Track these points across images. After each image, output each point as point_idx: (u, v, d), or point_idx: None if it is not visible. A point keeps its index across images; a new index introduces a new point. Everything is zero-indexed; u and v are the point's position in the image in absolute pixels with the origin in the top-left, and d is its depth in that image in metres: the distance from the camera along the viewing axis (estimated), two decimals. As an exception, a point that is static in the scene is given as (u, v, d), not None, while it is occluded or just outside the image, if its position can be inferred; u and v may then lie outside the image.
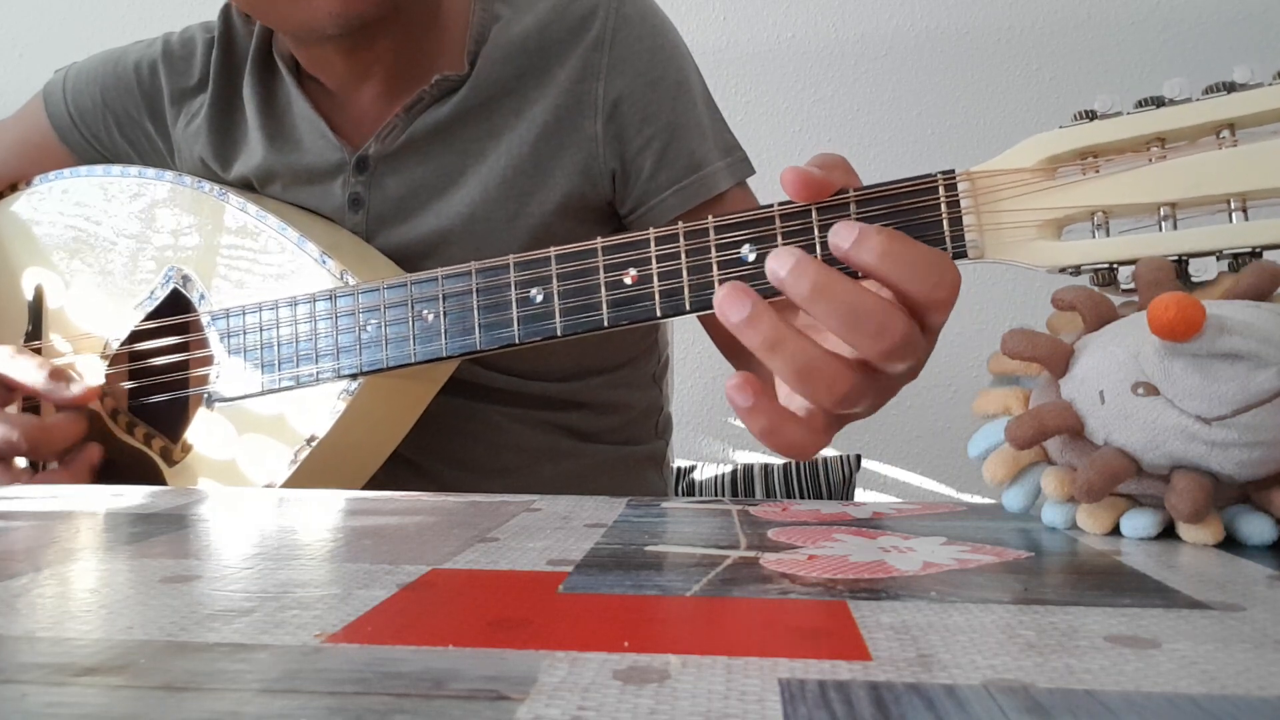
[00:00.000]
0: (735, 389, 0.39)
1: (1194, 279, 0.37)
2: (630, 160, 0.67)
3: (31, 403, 0.68)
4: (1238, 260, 0.36)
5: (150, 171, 0.70)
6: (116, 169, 0.71)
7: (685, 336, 1.41)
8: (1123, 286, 0.39)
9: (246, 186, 0.71)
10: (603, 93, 0.66)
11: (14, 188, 0.76)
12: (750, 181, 0.71)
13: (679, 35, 0.71)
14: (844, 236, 0.38)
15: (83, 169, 0.73)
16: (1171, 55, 1.45)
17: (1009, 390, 0.40)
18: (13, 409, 0.65)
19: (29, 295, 0.72)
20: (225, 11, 0.75)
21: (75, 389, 0.63)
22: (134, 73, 0.76)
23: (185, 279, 0.65)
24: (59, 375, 0.63)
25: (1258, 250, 0.36)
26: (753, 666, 0.20)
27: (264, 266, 0.62)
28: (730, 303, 0.38)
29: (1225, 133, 0.37)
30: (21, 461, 0.64)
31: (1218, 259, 0.37)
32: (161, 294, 0.66)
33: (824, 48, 1.53)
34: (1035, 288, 1.45)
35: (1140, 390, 0.33)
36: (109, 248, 0.69)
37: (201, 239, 0.66)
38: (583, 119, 0.66)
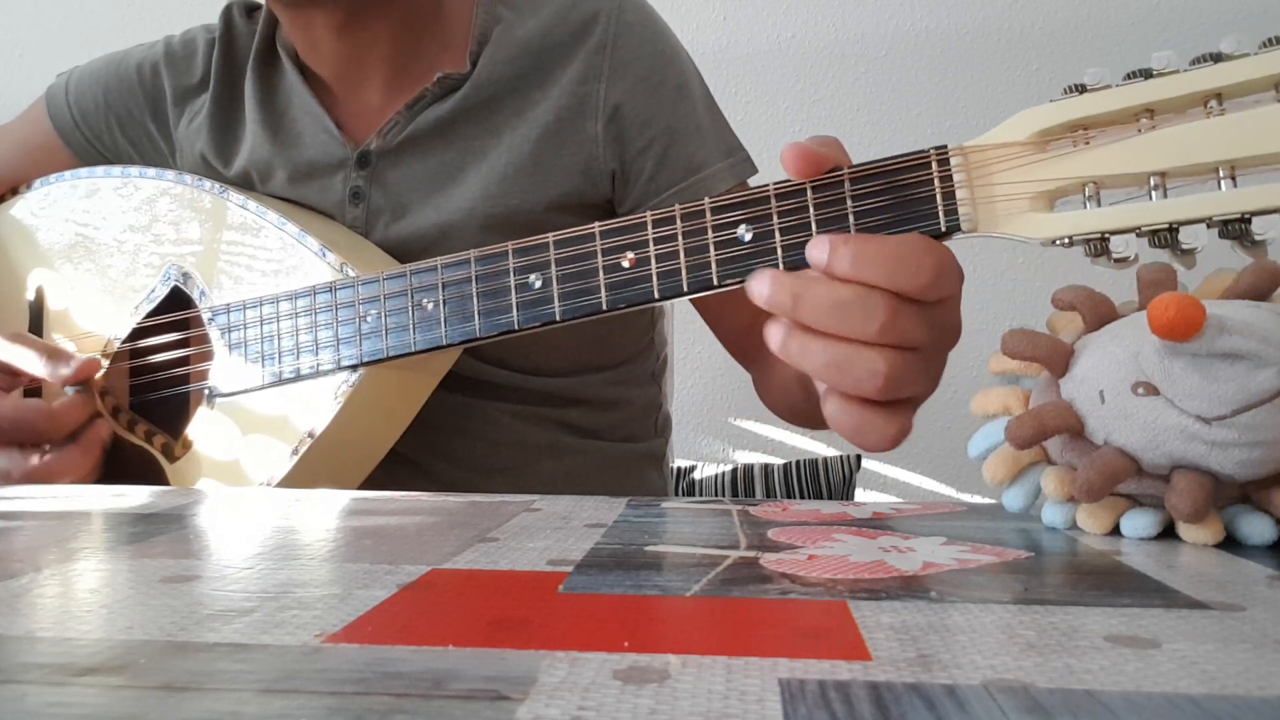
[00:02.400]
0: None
1: (1184, 247, 0.37)
2: (630, 162, 0.67)
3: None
4: (1227, 227, 0.37)
5: (150, 171, 0.70)
6: (116, 170, 0.71)
7: (685, 337, 1.41)
8: (1115, 256, 0.39)
9: (247, 181, 0.71)
10: (604, 94, 0.67)
11: (14, 191, 0.76)
12: (751, 182, 0.71)
13: (679, 41, 0.72)
14: (820, 251, 0.39)
15: (83, 171, 0.73)
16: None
17: (1009, 390, 0.40)
18: (16, 394, 0.65)
19: (30, 297, 0.72)
20: (227, 12, 0.76)
21: (74, 364, 0.63)
22: (136, 73, 0.77)
23: (185, 276, 0.65)
24: (57, 356, 0.64)
25: (1247, 216, 0.36)
26: (753, 666, 0.20)
27: (264, 262, 0.62)
28: (757, 279, 0.41)
29: (1213, 103, 0.37)
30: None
31: (1208, 226, 0.37)
32: (162, 292, 0.66)
33: (824, 48, 1.52)
34: (1035, 287, 1.45)
35: (1140, 390, 0.33)
36: (109, 248, 0.69)
37: (201, 236, 0.66)
38: (584, 120, 0.67)
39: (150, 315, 0.67)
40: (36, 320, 0.71)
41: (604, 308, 0.49)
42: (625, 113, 0.67)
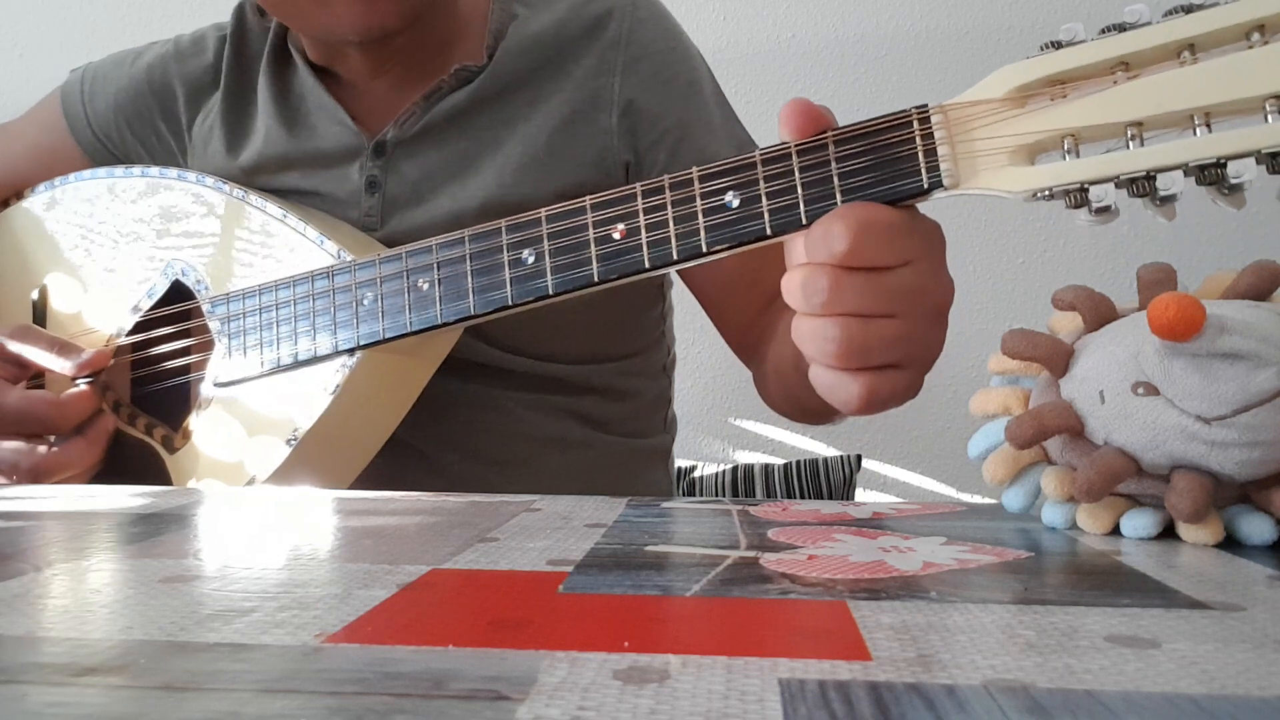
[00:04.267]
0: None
1: (1162, 194, 0.38)
2: (644, 154, 0.69)
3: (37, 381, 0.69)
4: (1204, 173, 0.37)
5: (153, 169, 0.70)
6: (120, 169, 0.72)
7: (686, 336, 1.41)
8: (1094, 206, 0.39)
9: (259, 174, 0.72)
10: (618, 89, 0.68)
11: (19, 195, 0.77)
12: None
13: (690, 38, 0.73)
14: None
15: (87, 172, 0.74)
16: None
17: (1009, 390, 0.40)
18: (22, 386, 0.66)
19: (34, 295, 0.72)
20: (239, 10, 0.77)
21: (84, 356, 0.64)
22: (146, 74, 0.78)
23: (186, 270, 0.66)
24: (67, 348, 0.64)
25: (1222, 160, 0.36)
26: (753, 666, 0.20)
27: (264, 253, 0.63)
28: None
29: (1186, 53, 0.37)
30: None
31: (1185, 173, 0.37)
32: (163, 287, 0.67)
33: (824, 48, 1.52)
34: (1035, 287, 1.45)
35: (1140, 390, 0.33)
36: (112, 245, 0.70)
37: (201, 230, 0.66)
38: (598, 113, 0.68)
39: (152, 310, 0.67)
40: (40, 318, 0.72)
41: (595, 279, 0.49)
42: (639, 106, 0.68)
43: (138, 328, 0.67)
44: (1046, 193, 0.40)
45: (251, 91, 0.74)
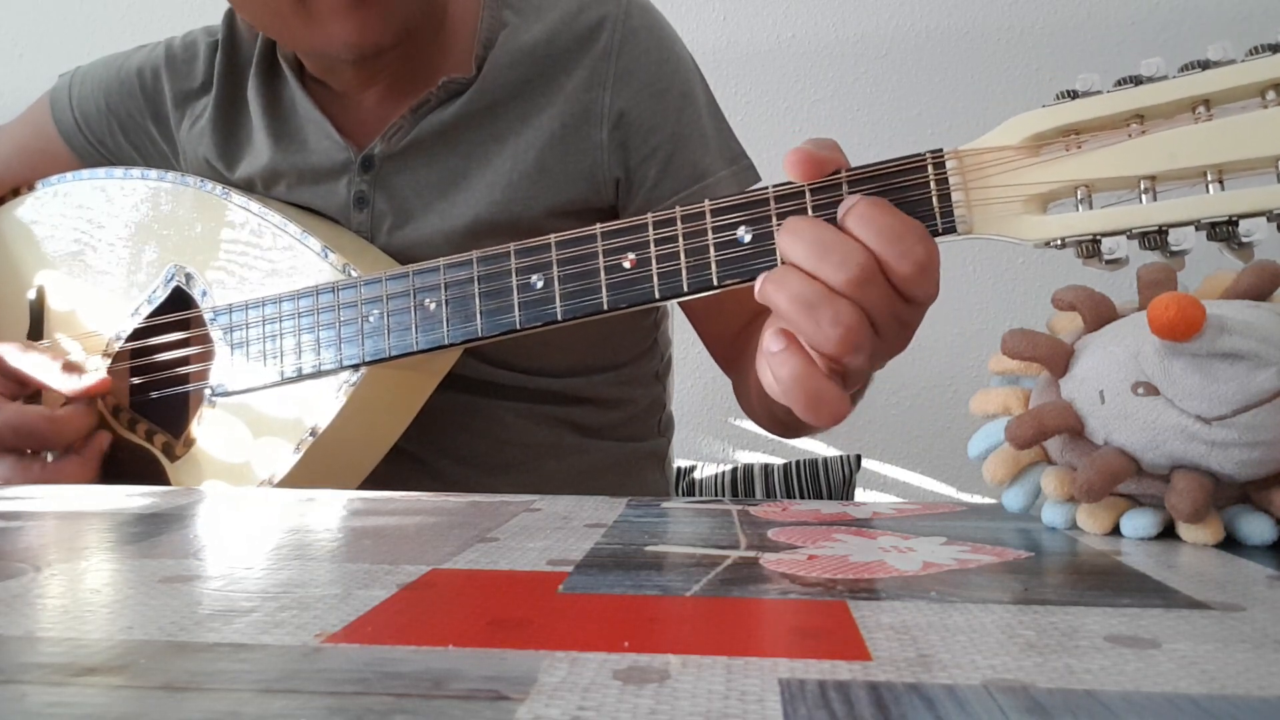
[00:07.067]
0: (771, 338, 0.41)
1: (1173, 249, 0.38)
2: (634, 169, 0.68)
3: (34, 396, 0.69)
4: (1215, 229, 0.37)
5: (152, 173, 0.70)
6: (119, 171, 0.71)
7: (686, 337, 1.41)
8: (1106, 258, 0.39)
9: (251, 186, 0.72)
10: (609, 102, 0.67)
11: (16, 192, 0.76)
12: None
13: (685, 47, 0.72)
14: (841, 207, 0.42)
15: (85, 172, 0.73)
16: (1171, 56, 1.45)
17: (1009, 390, 0.40)
18: (20, 402, 0.66)
19: (31, 297, 0.72)
20: (230, 15, 0.76)
21: (86, 380, 0.64)
22: (137, 78, 0.77)
23: (187, 276, 0.65)
24: (70, 368, 0.64)
25: (1234, 219, 0.37)
26: (753, 666, 0.20)
27: (266, 262, 0.63)
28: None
29: (1201, 108, 0.37)
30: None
31: (1196, 229, 0.38)
32: (163, 292, 0.66)
33: (824, 48, 1.52)
34: (1035, 288, 1.45)
35: (1140, 390, 0.33)
36: (111, 248, 0.69)
37: (203, 236, 0.66)
38: (589, 127, 0.67)
39: (152, 315, 0.67)
40: (37, 320, 0.71)
41: (605, 308, 0.49)
42: (630, 120, 0.67)
43: (138, 333, 0.67)
44: (1059, 242, 0.40)
45: (242, 100, 0.73)
